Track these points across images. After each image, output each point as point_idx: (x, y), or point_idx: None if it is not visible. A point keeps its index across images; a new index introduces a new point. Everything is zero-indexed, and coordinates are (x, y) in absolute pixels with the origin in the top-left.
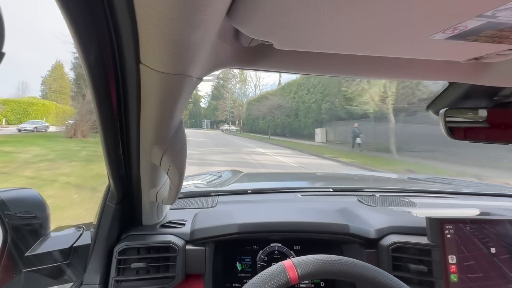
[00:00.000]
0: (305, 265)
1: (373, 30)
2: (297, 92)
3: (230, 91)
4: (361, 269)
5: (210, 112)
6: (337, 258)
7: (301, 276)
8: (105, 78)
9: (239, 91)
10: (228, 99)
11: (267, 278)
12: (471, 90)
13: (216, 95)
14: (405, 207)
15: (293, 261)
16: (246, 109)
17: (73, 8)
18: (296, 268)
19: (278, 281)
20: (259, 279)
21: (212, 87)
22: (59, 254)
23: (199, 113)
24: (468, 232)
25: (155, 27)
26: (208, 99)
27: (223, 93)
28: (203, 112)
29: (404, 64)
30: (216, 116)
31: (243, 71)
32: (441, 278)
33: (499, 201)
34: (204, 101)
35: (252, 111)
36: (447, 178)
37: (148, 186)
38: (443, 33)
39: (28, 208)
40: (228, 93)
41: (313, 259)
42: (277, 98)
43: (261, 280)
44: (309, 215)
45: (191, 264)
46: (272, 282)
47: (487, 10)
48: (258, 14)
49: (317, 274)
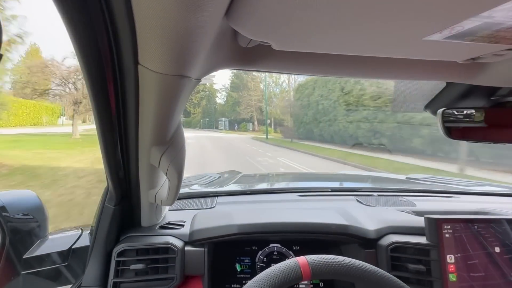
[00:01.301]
0: (319, 264)
1: (371, 31)
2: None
3: (255, 80)
4: (374, 276)
5: (229, 109)
6: (351, 262)
7: (314, 274)
8: (104, 79)
9: (269, 79)
10: (253, 89)
11: (280, 271)
12: (468, 90)
13: (237, 85)
14: (403, 207)
15: (307, 258)
16: (294, 100)
17: (71, 10)
18: (310, 265)
19: (291, 276)
20: (273, 272)
21: (232, 75)
22: (58, 256)
23: (214, 110)
24: (466, 231)
25: (153, 28)
26: (225, 93)
27: (246, 81)
28: (219, 109)
29: (402, 64)
30: (238, 113)
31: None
32: (439, 278)
33: (497, 201)
34: (221, 95)
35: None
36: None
37: (147, 187)
38: (440, 34)
39: (27, 211)
40: (254, 81)
41: (327, 259)
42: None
43: (274, 273)
44: (308, 215)
45: (190, 265)
46: (285, 276)
47: (483, 10)
48: (256, 15)
49: (329, 274)
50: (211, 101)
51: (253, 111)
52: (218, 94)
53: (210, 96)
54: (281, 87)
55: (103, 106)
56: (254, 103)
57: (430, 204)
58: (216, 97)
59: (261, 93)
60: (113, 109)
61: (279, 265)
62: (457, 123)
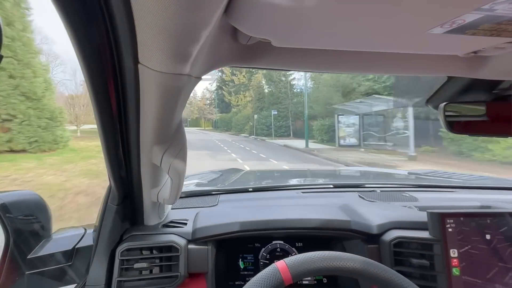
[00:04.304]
0: (297, 264)
1: (371, 25)
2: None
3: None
4: (352, 262)
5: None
6: (328, 254)
7: (294, 276)
8: (104, 79)
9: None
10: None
11: (261, 280)
12: (470, 84)
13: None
14: (406, 202)
15: (285, 261)
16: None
17: (70, 9)
18: (288, 268)
19: (272, 283)
20: (253, 283)
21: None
22: (62, 256)
23: (263, 98)
24: (469, 225)
25: (153, 26)
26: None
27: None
28: (267, 100)
29: (403, 59)
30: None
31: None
32: (443, 272)
33: (500, 194)
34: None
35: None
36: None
37: (149, 186)
38: (441, 27)
39: (30, 211)
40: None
41: (305, 257)
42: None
43: (255, 283)
44: (311, 212)
45: (193, 263)
46: (267, 284)
47: (484, 3)
48: (256, 12)
49: (310, 273)
50: (260, 89)
51: (288, 108)
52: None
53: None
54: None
55: (104, 105)
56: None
57: (432, 199)
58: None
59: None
60: (114, 108)
61: (260, 274)
62: (459, 117)
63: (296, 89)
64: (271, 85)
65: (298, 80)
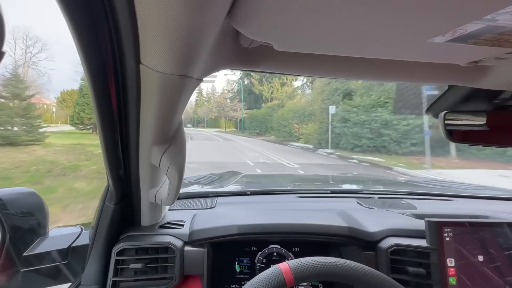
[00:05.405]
0: (301, 268)
1: (373, 33)
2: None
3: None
4: (355, 271)
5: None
6: (332, 261)
7: (297, 279)
8: (105, 78)
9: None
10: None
11: (263, 281)
12: (470, 93)
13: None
14: (404, 210)
15: (289, 263)
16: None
17: (73, 9)
18: (292, 271)
19: (274, 284)
20: (255, 282)
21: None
22: (57, 254)
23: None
24: (467, 235)
25: (156, 27)
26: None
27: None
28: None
29: (405, 66)
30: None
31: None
32: (439, 281)
33: (498, 205)
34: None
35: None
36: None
37: (147, 186)
38: (443, 36)
39: (27, 208)
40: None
41: (308, 261)
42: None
43: (257, 283)
44: (308, 216)
45: (189, 265)
46: (268, 285)
47: (487, 13)
48: (259, 15)
49: (313, 277)
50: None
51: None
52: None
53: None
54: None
55: (104, 105)
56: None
57: (430, 207)
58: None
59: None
60: (114, 108)
61: (262, 274)
62: (459, 126)
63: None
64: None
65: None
